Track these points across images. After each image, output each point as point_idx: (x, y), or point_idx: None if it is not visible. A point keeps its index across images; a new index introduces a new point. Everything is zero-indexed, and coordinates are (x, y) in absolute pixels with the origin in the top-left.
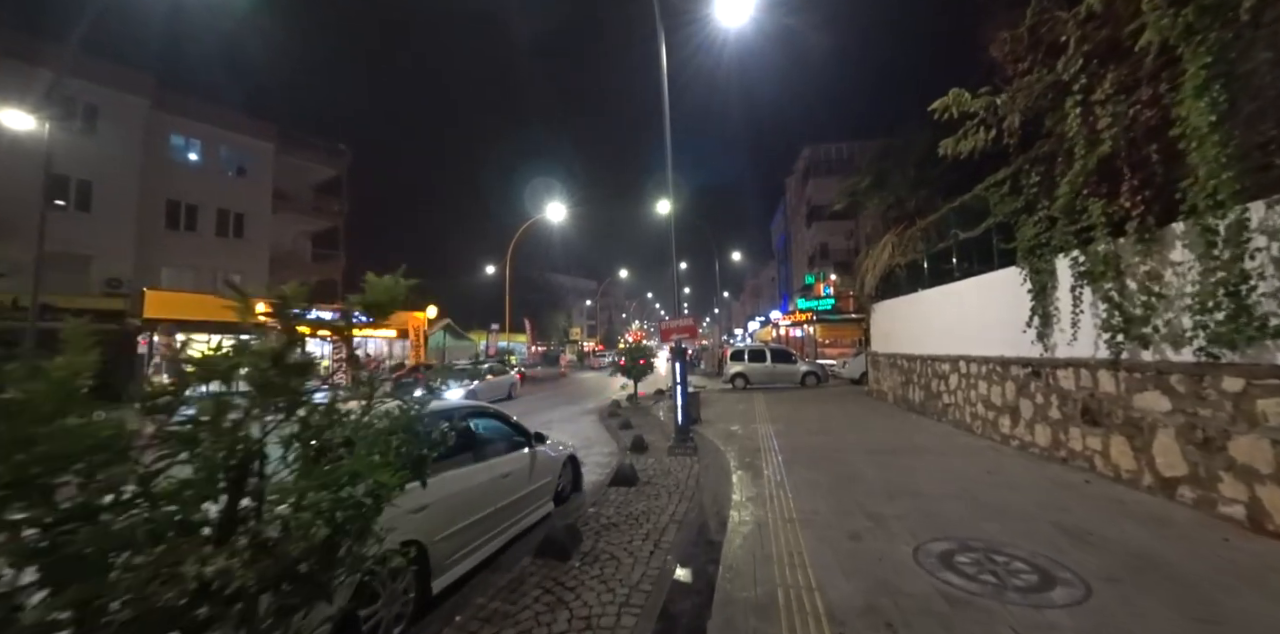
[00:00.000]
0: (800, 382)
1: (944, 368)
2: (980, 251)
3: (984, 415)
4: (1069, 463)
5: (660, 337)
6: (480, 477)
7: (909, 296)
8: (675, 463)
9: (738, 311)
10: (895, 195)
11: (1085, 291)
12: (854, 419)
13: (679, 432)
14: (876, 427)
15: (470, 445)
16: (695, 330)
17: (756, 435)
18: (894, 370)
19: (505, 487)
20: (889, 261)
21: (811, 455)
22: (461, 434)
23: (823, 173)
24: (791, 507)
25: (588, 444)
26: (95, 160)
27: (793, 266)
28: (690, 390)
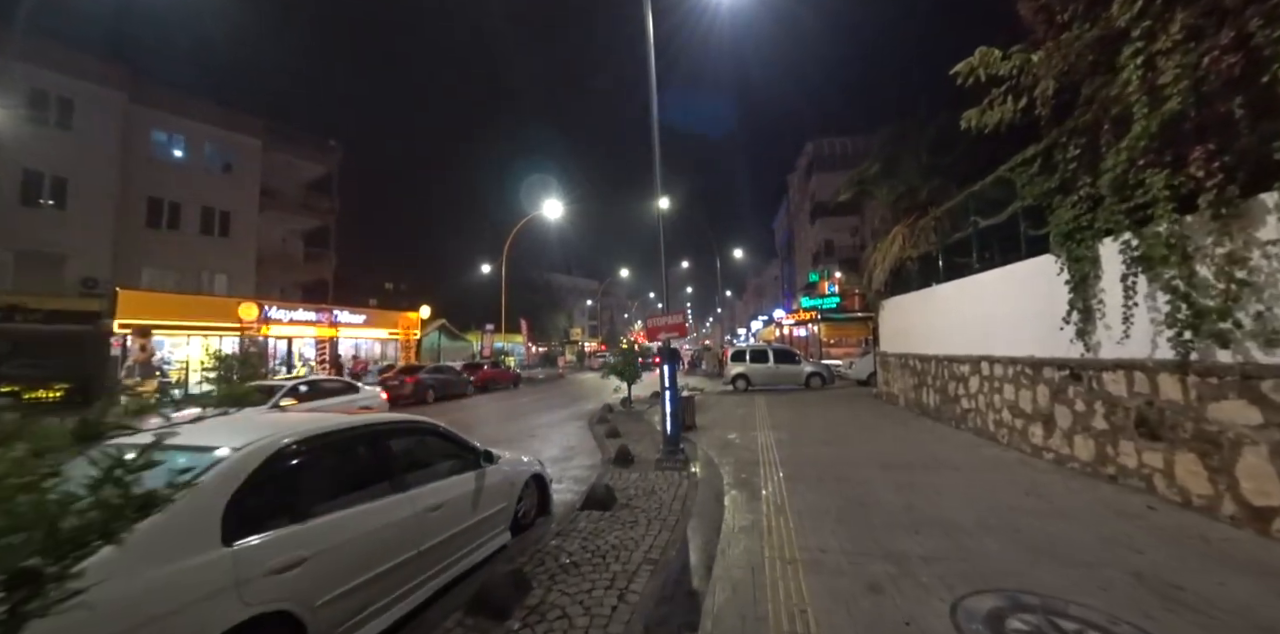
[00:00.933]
0: (804, 383)
1: (963, 369)
2: (1004, 240)
3: (1011, 423)
4: (1120, 482)
5: (646, 335)
6: (397, 512)
7: (921, 292)
8: (661, 479)
9: (740, 311)
10: (906, 184)
11: (1140, 281)
12: (863, 426)
13: (668, 442)
14: (889, 435)
15: (385, 472)
16: (685, 328)
17: (755, 445)
18: (905, 372)
19: (435, 522)
20: (899, 255)
21: (817, 471)
22: (369, 458)
23: (827, 168)
24: (793, 541)
25: (568, 455)
26: (71, 156)
27: (796, 265)
28: (685, 394)
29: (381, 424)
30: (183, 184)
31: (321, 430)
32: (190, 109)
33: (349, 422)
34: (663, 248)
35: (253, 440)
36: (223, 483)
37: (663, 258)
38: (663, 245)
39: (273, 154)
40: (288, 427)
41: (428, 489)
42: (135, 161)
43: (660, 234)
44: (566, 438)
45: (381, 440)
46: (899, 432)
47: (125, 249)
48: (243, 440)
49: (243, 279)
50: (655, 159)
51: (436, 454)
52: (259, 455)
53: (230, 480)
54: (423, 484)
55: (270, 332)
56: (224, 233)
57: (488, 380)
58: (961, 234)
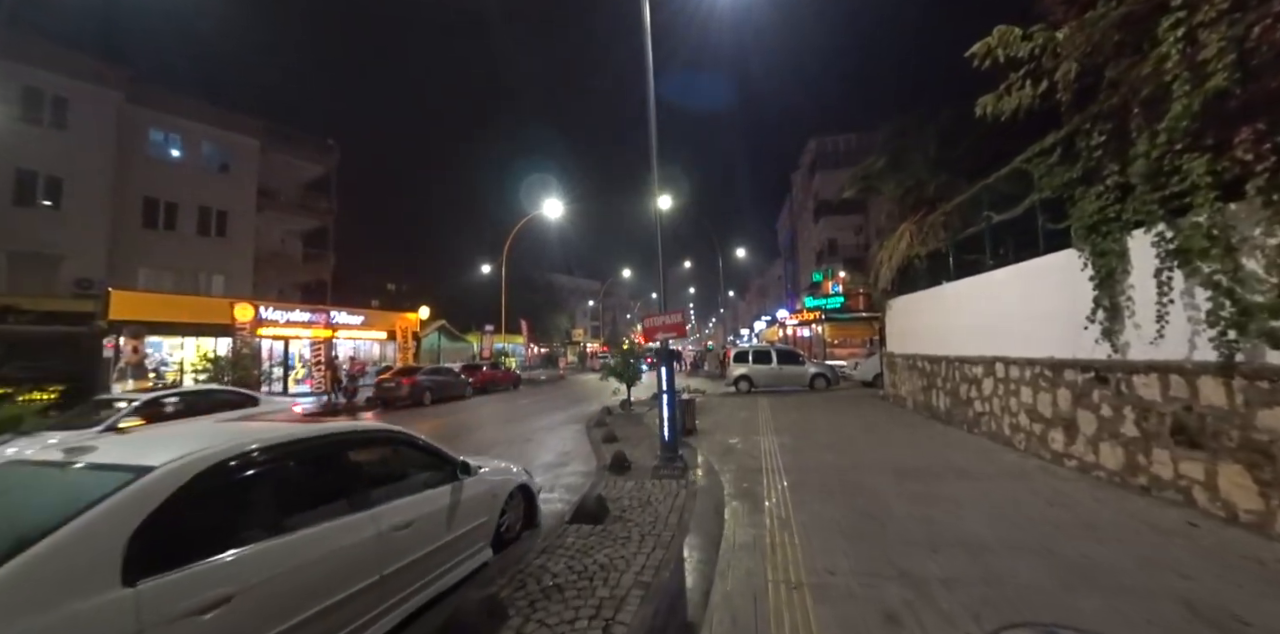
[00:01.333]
0: (809, 384)
1: (975, 371)
2: (1019, 236)
3: (1028, 428)
4: (1154, 494)
5: (643, 335)
6: (355, 533)
7: (930, 291)
8: (658, 489)
9: (743, 311)
10: (914, 178)
11: (1176, 276)
12: (871, 429)
13: (665, 449)
14: (898, 439)
15: (343, 488)
16: (683, 328)
17: (759, 450)
18: (914, 373)
19: (402, 542)
20: (906, 252)
21: (824, 479)
22: (324, 473)
23: (830, 165)
24: (799, 561)
25: (563, 461)
26: (66, 155)
27: (800, 264)
28: (685, 396)
29: (343, 434)
30: (180, 184)
31: (268, 442)
32: (187, 108)
33: (305, 432)
34: (659, 243)
35: (178, 456)
36: (127, 509)
37: (659, 254)
38: (659, 241)
39: (270, 154)
40: (231, 438)
41: (395, 506)
42: (132, 161)
43: (658, 229)
44: (562, 442)
45: (342, 453)
46: (909, 436)
47: (121, 249)
48: (169, 456)
49: (240, 280)
50: (652, 147)
51: (407, 466)
52: (179, 475)
53: (137, 506)
54: (389, 500)
55: (264, 333)
56: (221, 233)
57: (487, 382)
58: (973, 230)
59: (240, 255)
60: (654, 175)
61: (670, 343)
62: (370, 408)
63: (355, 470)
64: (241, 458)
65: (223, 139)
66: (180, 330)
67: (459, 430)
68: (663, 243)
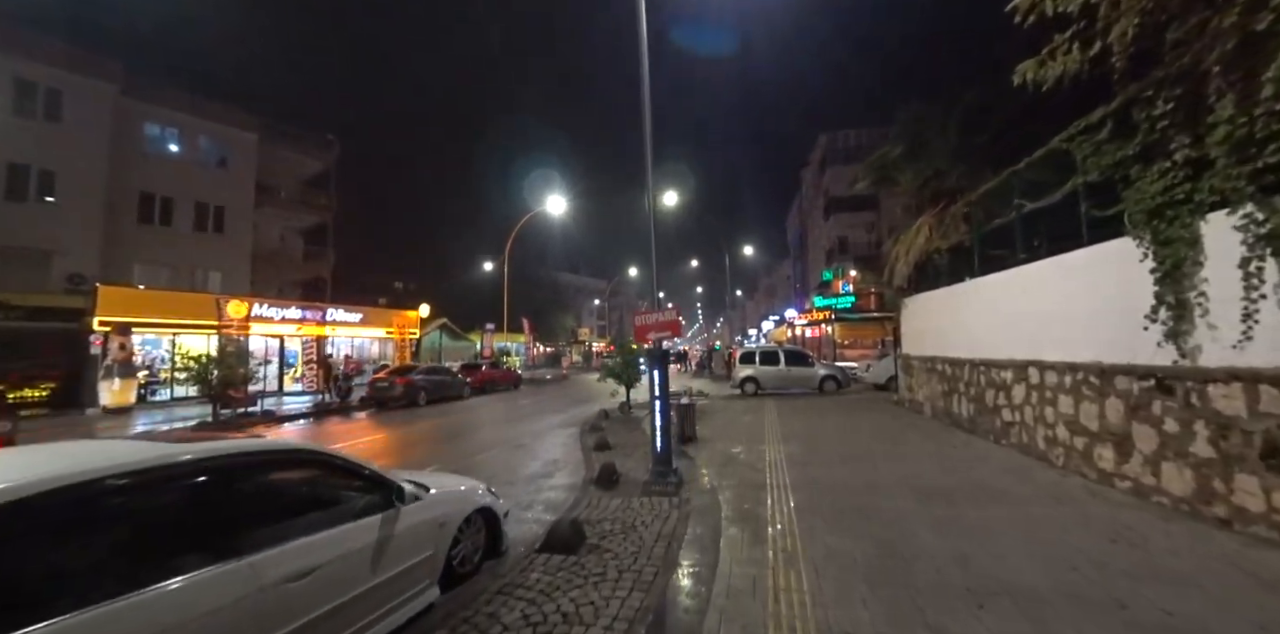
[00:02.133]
0: (818, 387)
1: (1004, 376)
2: (1056, 226)
3: (1067, 442)
4: (1237, 529)
5: (634, 335)
6: (221, 592)
7: (952, 288)
8: (647, 509)
9: (751, 311)
10: (933, 167)
11: (1269, 265)
12: (887, 439)
13: (657, 462)
14: (918, 450)
15: (209, 532)
16: (678, 326)
17: (763, 462)
18: (932, 377)
19: (298, 597)
20: (925, 247)
21: (837, 500)
22: (183, 511)
23: (840, 161)
24: (809, 614)
25: (548, 471)
26: (59, 149)
27: (809, 263)
28: (685, 400)
29: (223, 457)
30: (176, 179)
31: (96, 474)
32: (183, 102)
33: (165, 456)
34: (652, 231)
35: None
36: None
37: (652, 240)
38: (653, 227)
39: (269, 149)
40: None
41: (288, 549)
42: (127, 156)
43: (650, 215)
44: (552, 449)
45: (217, 483)
46: (930, 447)
47: (116, 245)
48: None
49: (238, 277)
50: (646, 128)
51: (320, 495)
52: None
53: None
54: (280, 542)
55: (259, 330)
56: (218, 229)
57: (486, 382)
58: (1002, 220)
59: (238, 252)
60: (647, 148)
61: (669, 343)
62: (364, 408)
63: (231, 506)
64: (49, 496)
65: (220, 133)
66: (171, 328)
67: (447, 434)
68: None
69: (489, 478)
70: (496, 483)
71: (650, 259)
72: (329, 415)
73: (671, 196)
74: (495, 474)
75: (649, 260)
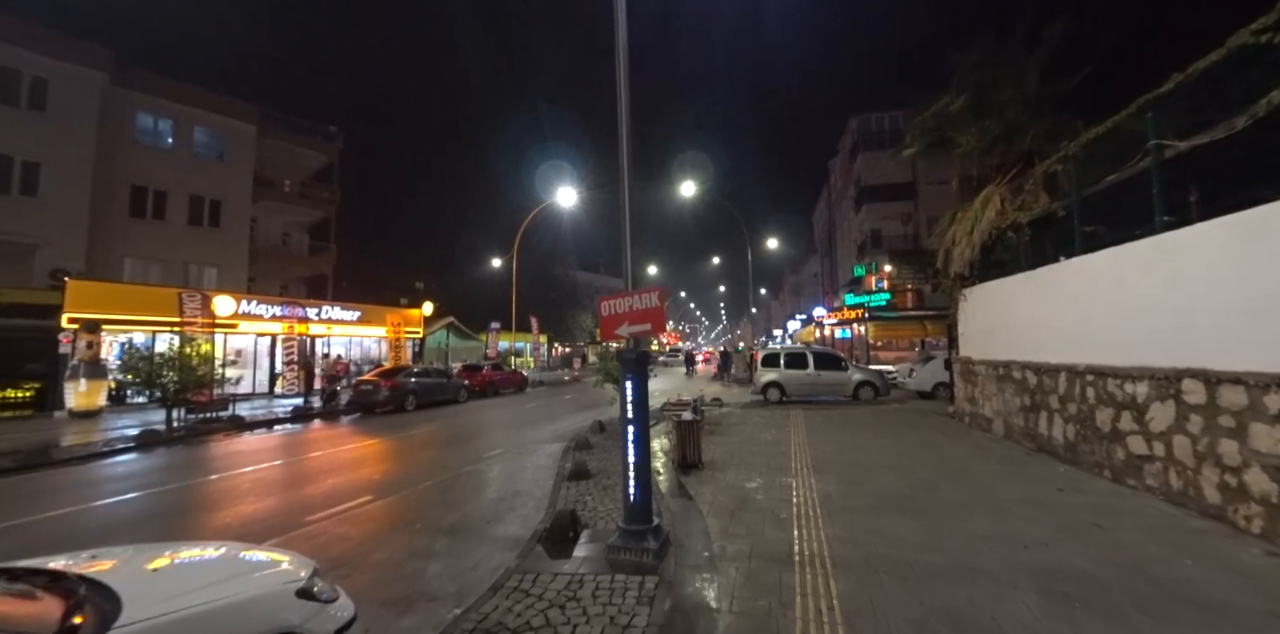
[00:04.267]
0: (852, 394)
1: (1134, 390)
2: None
3: (1275, 497)
4: None
5: (600, 329)
6: None
7: (1038, 272)
8: (601, 600)
9: (776, 311)
10: (1003, 123)
11: None
12: (956, 469)
13: (630, 517)
14: (1008, 492)
15: None
16: (662, 317)
17: (789, 507)
18: (1005, 386)
19: None
20: (995, 223)
21: (911, 599)
22: None
23: (874, 146)
24: None
25: (496, 514)
26: (45, 140)
27: (838, 259)
28: (687, 416)
29: None
30: (170, 171)
31: None
32: (178, 91)
33: None
34: (624, 160)
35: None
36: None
37: (624, 178)
38: (624, 150)
39: (268, 141)
40: None
41: None
42: (118, 147)
43: (622, 134)
44: (521, 474)
45: None
46: (1021, 487)
47: (106, 240)
48: None
49: (235, 273)
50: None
51: None
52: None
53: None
54: None
55: (245, 327)
56: (214, 224)
57: (487, 384)
58: (1118, 176)
59: (234, 247)
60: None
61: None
62: (348, 413)
63: None
64: None
65: (216, 124)
66: (149, 324)
67: (413, 448)
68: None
69: (420, 517)
70: (425, 527)
71: (623, 207)
72: (304, 421)
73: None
74: (427, 515)
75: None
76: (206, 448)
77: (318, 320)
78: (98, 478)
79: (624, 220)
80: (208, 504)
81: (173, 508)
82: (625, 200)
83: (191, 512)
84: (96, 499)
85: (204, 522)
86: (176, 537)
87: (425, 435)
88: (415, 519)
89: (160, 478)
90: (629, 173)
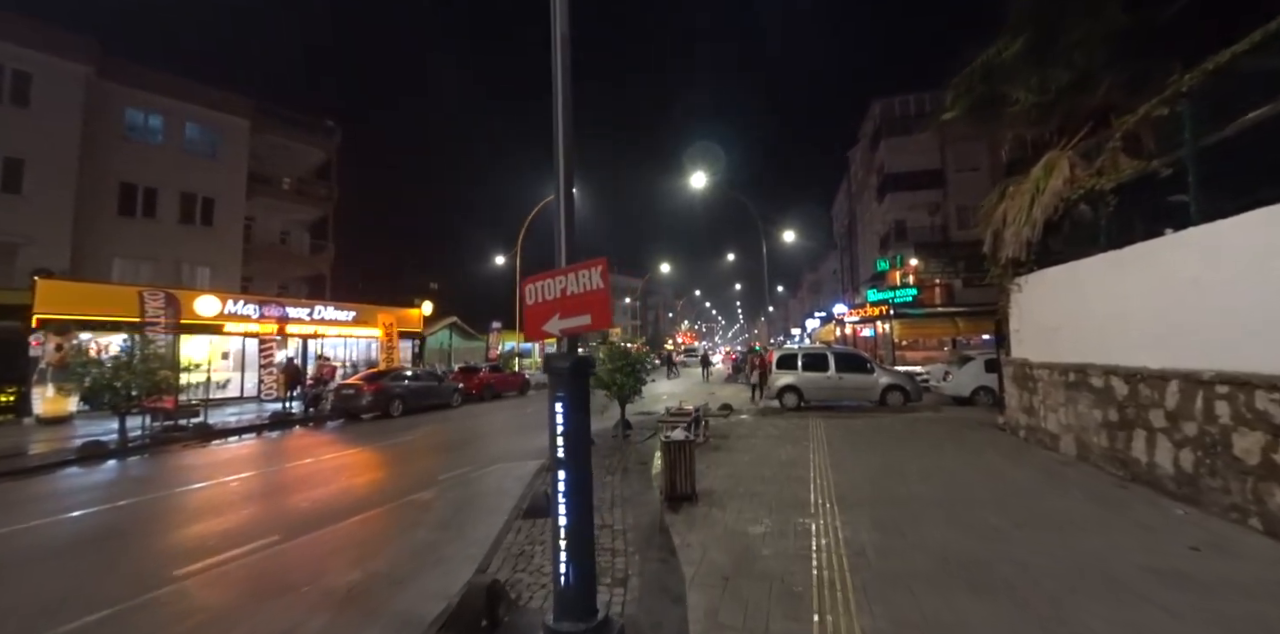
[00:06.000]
0: (879, 400)
1: None
2: None
3: None
4: None
5: (524, 324)
6: None
7: (1127, 252)
8: None
9: (794, 309)
10: (1072, 70)
11: None
12: (1033, 510)
13: (562, 608)
14: (1122, 552)
15: None
16: (605, 305)
17: (807, 572)
18: (1079, 396)
19: None
20: (1062, 194)
21: None
22: None
23: (898, 131)
24: None
25: (411, 572)
26: (27, 135)
27: (859, 253)
28: (677, 436)
29: None
30: (160, 168)
31: None
32: (167, 85)
33: None
34: (559, 77)
35: None
36: None
37: (557, 86)
38: (559, 69)
39: (264, 136)
40: None
41: None
42: (106, 142)
43: (557, 52)
44: (474, 503)
45: None
46: (1139, 542)
47: (94, 238)
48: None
49: (228, 272)
50: None
51: None
52: None
53: None
54: None
55: (232, 329)
56: (207, 222)
57: (484, 387)
58: (1259, 114)
59: (227, 245)
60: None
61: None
62: (331, 419)
63: None
64: None
65: (209, 119)
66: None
67: (362, 466)
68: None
69: (318, 572)
70: (314, 589)
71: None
72: (278, 429)
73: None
74: (329, 568)
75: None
76: (148, 463)
77: (309, 321)
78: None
79: (556, 129)
80: (69, 546)
81: (20, 554)
82: (559, 81)
83: (35, 560)
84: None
85: (35, 576)
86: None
87: (395, 448)
88: (309, 576)
89: (50, 506)
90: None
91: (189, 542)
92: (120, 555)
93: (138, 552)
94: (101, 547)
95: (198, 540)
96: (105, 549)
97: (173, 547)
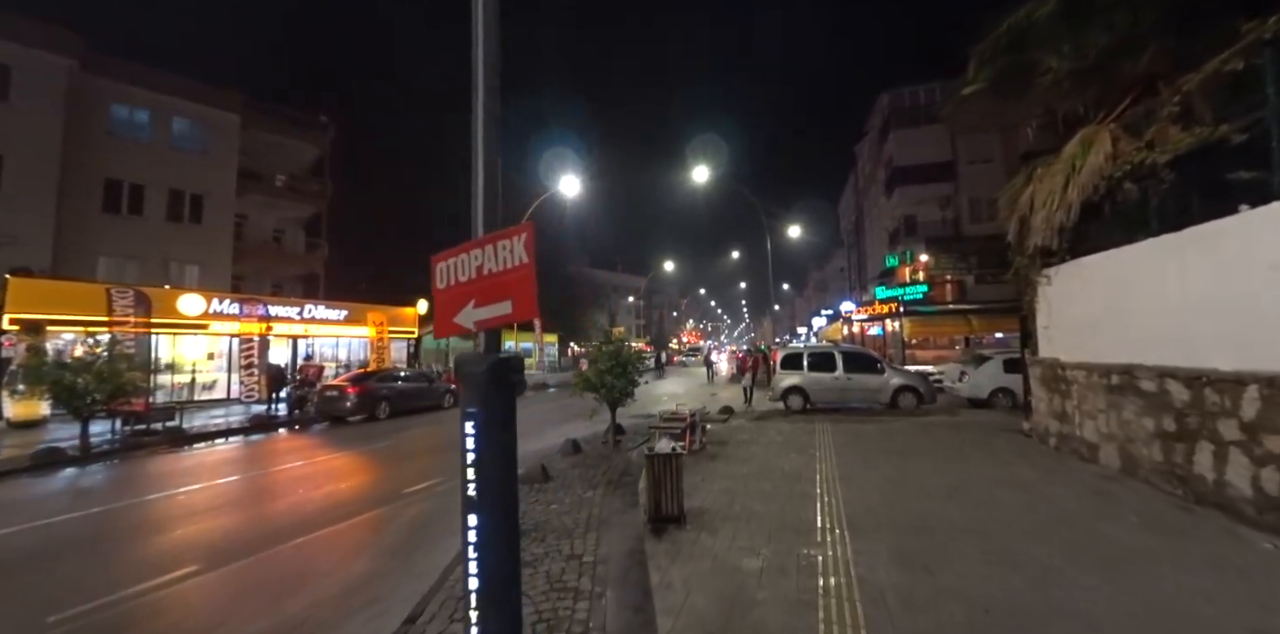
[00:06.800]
0: (890, 402)
1: None
2: None
3: None
4: None
5: (435, 317)
6: None
7: (1187, 234)
8: None
9: (801, 308)
10: (1110, 33)
11: None
12: (1085, 541)
13: None
14: (1212, 605)
15: None
16: (530, 288)
17: (812, 627)
18: (1125, 401)
19: None
20: (1104, 171)
21: None
22: None
23: (908, 123)
24: None
25: (334, 618)
26: (7, 130)
27: (867, 250)
28: (662, 448)
29: None
30: (147, 164)
31: None
32: (154, 79)
33: None
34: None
35: None
36: None
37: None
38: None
39: (254, 132)
40: None
41: None
42: (89, 138)
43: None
44: (434, 524)
45: None
46: (1229, 591)
47: (78, 236)
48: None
49: (218, 271)
50: None
51: None
52: None
53: None
54: None
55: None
56: (195, 219)
57: None
58: None
59: (216, 243)
60: None
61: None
62: (315, 422)
63: None
64: None
65: (197, 113)
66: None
67: (327, 476)
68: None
69: (226, 618)
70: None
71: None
72: (256, 432)
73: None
74: (240, 611)
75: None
76: (103, 472)
77: (299, 320)
78: None
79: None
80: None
81: None
82: (477, 51)
83: None
84: None
85: None
86: None
87: (369, 455)
88: (208, 624)
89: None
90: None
91: (89, 575)
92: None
93: (21, 591)
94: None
95: (100, 572)
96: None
97: (67, 581)
